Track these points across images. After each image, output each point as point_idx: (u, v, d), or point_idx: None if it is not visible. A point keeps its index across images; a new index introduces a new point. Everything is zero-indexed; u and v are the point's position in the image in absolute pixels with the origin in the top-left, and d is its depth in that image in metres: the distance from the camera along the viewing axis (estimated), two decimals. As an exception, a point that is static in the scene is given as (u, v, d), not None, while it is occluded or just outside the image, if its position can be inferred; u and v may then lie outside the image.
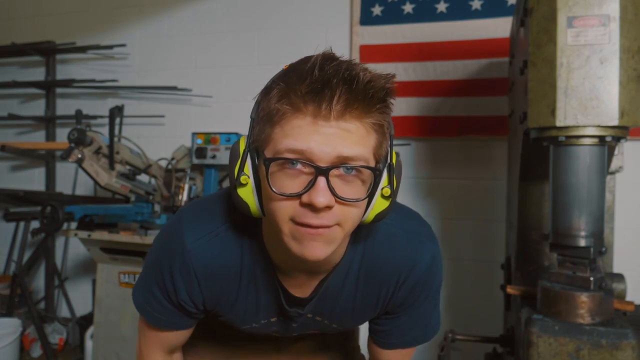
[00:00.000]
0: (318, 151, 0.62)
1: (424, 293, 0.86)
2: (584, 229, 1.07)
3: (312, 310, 0.86)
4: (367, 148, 0.65)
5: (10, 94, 3.39)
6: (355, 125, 0.63)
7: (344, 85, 0.60)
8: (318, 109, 0.61)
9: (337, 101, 0.60)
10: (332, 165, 0.62)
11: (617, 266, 1.58)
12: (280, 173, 0.65)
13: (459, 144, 2.52)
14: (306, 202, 0.63)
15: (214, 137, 2.48)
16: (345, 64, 0.63)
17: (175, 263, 0.79)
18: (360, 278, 0.82)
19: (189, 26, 3.02)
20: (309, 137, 0.62)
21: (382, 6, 2.59)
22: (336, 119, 0.61)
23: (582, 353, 1.00)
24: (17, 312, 2.84)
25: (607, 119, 1.02)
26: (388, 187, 0.70)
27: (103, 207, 2.35)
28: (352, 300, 0.84)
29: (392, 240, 0.81)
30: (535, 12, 1.07)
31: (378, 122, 0.65)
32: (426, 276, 0.83)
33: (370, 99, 0.62)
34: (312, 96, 0.61)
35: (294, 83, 0.62)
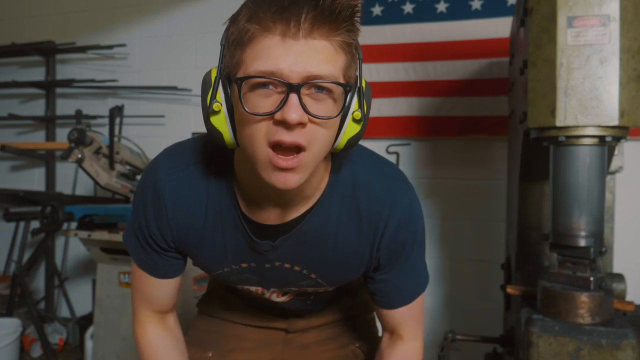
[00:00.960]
0: (288, 71, 0.62)
1: (410, 240, 0.86)
2: (584, 229, 1.07)
3: (289, 255, 0.85)
4: (336, 67, 0.65)
5: (10, 94, 3.39)
6: (323, 44, 0.63)
7: (311, 2, 0.61)
8: (287, 27, 0.62)
9: (304, 19, 0.61)
10: (302, 82, 0.63)
11: (617, 266, 1.58)
12: (252, 94, 0.65)
13: (459, 144, 2.52)
14: (279, 119, 0.64)
15: (214, 137, 2.48)
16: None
17: (148, 191, 0.83)
18: (342, 221, 0.82)
19: (189, 26, 3.02)
20: (279, 57, 0.62)
21: (382, 6, 2.59)
22: (305, 37, 0.62)
23: (582, 353, 1.00)
24: (17, 312, 2.84)
25: (607, 119, 1.02)
26: (359, 110, 0.70)
27: (103, 207, 2.36)
28: (332, 245, 0.83)
29: (371, 183, 0.82)
30: (535, 12, 1.07)
31: (346, 41, 0.66)
32: (408, 218, 0.84)
33: (337, 16, 0.63)
34: (280, 14, 0.61)
35: (262, 2, 0.63)
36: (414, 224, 0.85)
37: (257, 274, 0.90)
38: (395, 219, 0.82)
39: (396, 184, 0.84)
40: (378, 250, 0.85)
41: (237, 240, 0.84)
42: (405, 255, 0.87)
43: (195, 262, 0.93)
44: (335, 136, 0.71)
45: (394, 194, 0.82)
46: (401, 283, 0.90)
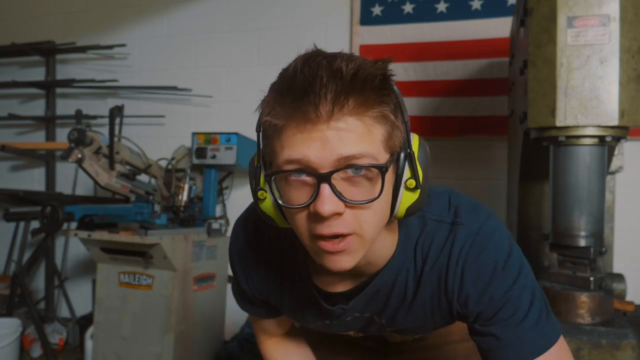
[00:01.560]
0: (315, 157, 0.59)
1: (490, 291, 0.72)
2: (584, 229, 1.07)
3: (362, 308, 0.82)
4: (373, 143, 0.60)
5: (10, 94, 3.40)
6: (352, 122, 0.58)
7: (328, 84, 0.57)
8: (305, 115, 0.58)
9: (324, 102, 0.57)
10: (332, 170, 0.59)
11: (617, 266, 1.58)
12: (287, 185, 0.63)
13: (459, 144, 2.52)
14: (313, 212, 0.60)
15: (214, 137, 2.48)
16: (326, 60, 0.59)
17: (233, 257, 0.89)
18: (410, 278, 0.77)
19: (189, 26, 3.02)
20: (303, 145, 0.59)
21: (382, 6, 2.59)
22: (327, 120, 0.57)
23: (582, 353, 1.00)
24: (17, 312, 2.84)
25: (607, 119, 1.02)
26: (412, 178, 0.65)
27: (103, 207, 2.35)
28: (402, 297, 0.79)
29: (435, 233, 0.76)
30: (535, 12, 1.07)
31: (380, 113, 0.60)
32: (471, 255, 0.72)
33: (362, 90, 0.58)
34: (297, 104, 0.58)
35: (279, 93, 0.61)
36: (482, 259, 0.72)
37: (344, 326, 0.90)
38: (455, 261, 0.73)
39: (458, 229, 0.74)
40: (453, 299, 0.75)
41: (312, 307, 0.84)
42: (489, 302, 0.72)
43: (292, 318, 0.96)
44: (392, 207, 0.66)
45: (453, 239, 0.74)
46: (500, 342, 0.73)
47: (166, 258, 2.15)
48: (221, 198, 2.81)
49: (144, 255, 2.17)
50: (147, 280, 2.25)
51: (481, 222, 0.75)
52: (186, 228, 2.38)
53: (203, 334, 2.43)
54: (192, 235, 2.31)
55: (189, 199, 2.55)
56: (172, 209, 2.51)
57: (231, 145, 2.45)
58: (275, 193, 0.65)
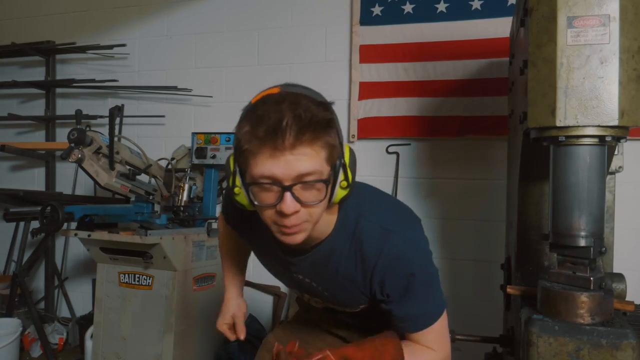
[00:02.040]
0: (281, 174, 0.84)
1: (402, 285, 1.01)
2: (584, 229, 1.07)
3: (307, 274, 1.11)
4: (319, 162, 0.85)
5: (10, 94, 3.40)
6: (306, 150, 0.83)
7: (292, 125, 0.81)
8: (274, 145, 0.82)
9: (289, 136, 0.81)
10: (292, 183, 0.84)
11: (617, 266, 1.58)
12: (259, 190, 0.88)
13: (459, 144, 2.52)
14: (279, 210, 0.86)
15: (214, 137, 2.49)
16: (290, 108, 0.81)
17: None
18: (342, 259, 1.05)
19: (189, 26, 3.02)
20: (273, 166, 0.83)
21: (382, 6, 2.59)
22: (290, 149, 0.82)
23: (582, 353, 1.00)
24: (17, 312, 2.84)
25: (607, 119, 1.02)
26: (344, 180, 0.92)
27: (103, 207, 2.36)
28: (334, 273, 1.06)
29: (367, 233, 1.02)
30: (535, 12, 1.07)
31: (325, 142, 0.85)
32: (395, 264, 1.00)
33: (314, 130, 0.82)
34: (269, 138, 0.81)
35: (255, 126, 0.83)
36: (403, 270, 1.00)
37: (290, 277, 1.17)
38: (383, 265, 1.00)
39: (387, 236, 1.00)
40: (371, 287, 1.04)
41: (273, 252, 1.12)
42: (398, 294, 1.02)
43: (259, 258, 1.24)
44: (329, 198, 0.92)
45: (383, 245, 1.00)
46: (404, 316, 1.05)
47: (166, 258, 2.16)
48: (221, 198, 2.81)
49: (144, 255, 2.17)
50: (147, 280, 2.25)
51: (407, 231, 1.04)
52: (186, 228, 2.38)
53: (203, 334, 2.43)
54: (192, 235, 2.31)
55: (189, 199, 2.55)
56: (172, 209, 2.51)
57: (231, 145, 2.45)
58: (250, 196, 0.90)
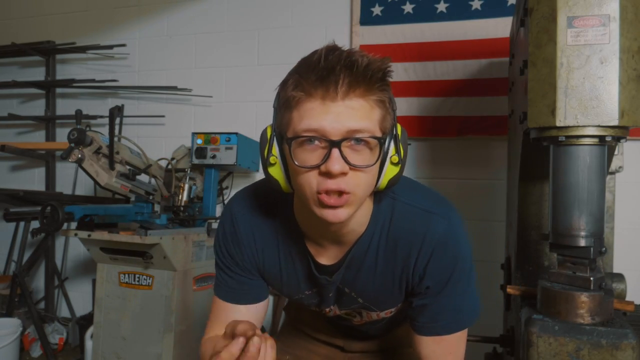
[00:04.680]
0: (330, 128, 0.73)
1: (445, 273, 0.90)
2: (584, 229, 1.07)
3: (341, 280, 0.96)
4: (372, 121, 0.75)
5: (10, 94, 3.40)
6: (360, 103, 0.74)
7: (346, 70, 0.71)
8: (326, 92, 0.72)
9: (341, 84, 0.71)
10: (342, 138, 0.73)
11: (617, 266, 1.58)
12: (301, 149, 0.76)
13: (459, 144, 2.52)
14: (324, 171, 0.74)
15: (214, 137, 2.48)
16: (346, 53, 0.74)
17: (226, 224, 0.98)
18: (380, 250, 0.92)
19: (189, 26, 3.02)
20: (320, 117, 0.73)
21: (382, 6, 2.59)
22: (342, 99, 0.72)
23: (582, 353, 1.00)
24: (17, 312, 2.84)
25: (607, 119, 1.02)
26: (396, 155, 0.81)
27: (103, 207, 2.35)
28: (372, 270, 0.93)
29: (406, 216, 0.90)
30: (535, 12, 1.07)
31: (379, 99, 0.76)
32: (442, 248, 0.89)
33: (370, 79, 0.73)
34: (320, 82, 0.72)
35: (304, 73, 0.73)
36: (449, 254, 0.90)
37: (322, 298, 1.02)
38: (427, 251, 0.89)
39: (430, 218, 0.89)
40: (412, 277, 0.92)
41: (303, 269, 0.97)
42: (440, 283, 0.91)
43: (275, 288, 1.05)
44: (377, 178, 0.82)
45: (427, 227, 0.89)
46: (437, 312, 0.93)
47: (166, 258, 2.16)
48: (221, 198, 2.81)
49: (144, 255, 2.17)
50: (147, 280, 2.25)
51: (450, 214, 0.92)
52: (186, 228, 2.38)
53: (203, 334, 2.42)
54: (192, 235, 2.31)
55: (189, 199, 2.55)
56: (172, 209, 2.51)
57: (231, 145, 2.45)
58: (290, 155, 0.77)
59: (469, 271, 0.94)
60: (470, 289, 0.95)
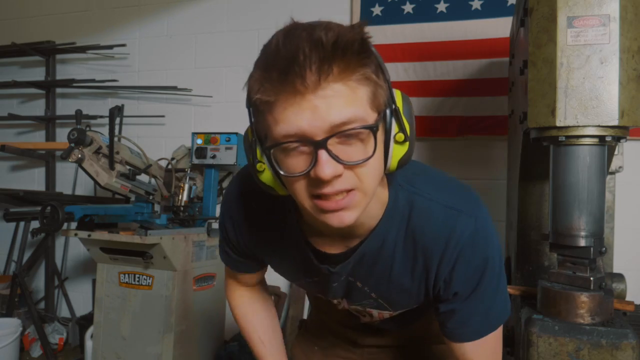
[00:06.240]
0: (308, 127, 0.60)
1: (472, 274, 0.80)
2: (584, 229, 1.07)
3: (350, 272, 0.87)
4: (359, 105, 0.62)
5: (10, 94, 3.40)
6: (338, 88, 0.60)
7: (311, 55, 0.58)
8: (294, 87, 0.59)
9: (308, 74, 0.58)
10: (328, 136, 0.61)
11: (617, 266, 1.58)
12: (284, 156, 0.65)
13: (459, 144, 2.52)
14: (314, 178, 0.63)
15: (214, 137, 2.48)
16: (306, 32, 0.60)
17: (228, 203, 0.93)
18: (398, 248, 0.82)
19: (189, 26, 3.02)
20: (296, 117, 0.60)
21: (382, 6, 2.59)
22: (314, 90, 0.59)
23: (582, 353, 1.00)
24: (17, 312, 2.84)
25: (607, 119, 1.02)
26: (400, 132, 0.68)
27: (103, 207, 2.35)
28: (388, 268, 0.84)
29: (428, 215, 0.79)
30: (535, 12, 1.07)
31: (363, 76, 0.62)
32: (470, 251, 0.79)
33: (343, 56, 0.59)
34: (284, 78, 0.59)
35: (265, 69, 0.62)
36: (477, 257, 0.80)
37: (325, 286, 0.93)
38: (453, 255, 0.79)
39: (456, 217, 0.78)
40: (436, 281, 0.82)
41: (303, 258, 0.88)
42: (468, 288, 0.82)
43: (277, 271, 1.01)
44: (384, 161, 0.70)
45: (452, 228, 0.78)
46: (467, 317, 0.84)
47: (166, 258, 2.16)
48: (221, 198, 2.81)
49: (144, 255, 2.17)
50: (147, 280, 2.25)
51: (477, 211, 0.80)
52: (186, 228, 2.38)
53: (203, 334, 2.43)
54: (192, 235, 2.31)
55: (189, 199, 2.55)
56: (172, 209, 2.51)
57: (231, 145, 2.45)
58: (274, 165, 0.67)
59: (499, 271, 0.84)
60: (500, 288, 0.85)
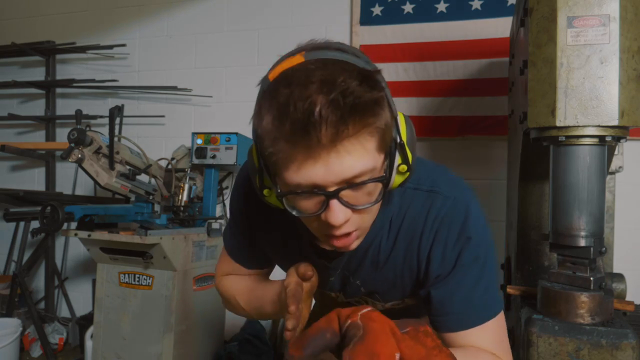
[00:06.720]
0: (322, 181, 0.63)
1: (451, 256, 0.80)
2: (584, 229, 1.07)
3: (345, 266, 0.91)
4: (370, 157, 0.64)
5: (10, 94, 3.40)
6: (351, 144, 0.61)
7: (328, 117, 0.58)
8: (308, 146, 0.60)
9: (324, 133, 0.59)
10: (338, 188, 0.64)
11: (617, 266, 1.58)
12: (296, 199, 0.68)
13: (459, 144, 2.52)
14: (324, 220, 0.67)
15: (214, 137, 2.48)
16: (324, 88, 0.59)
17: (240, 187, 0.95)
18: (383, 240, 0.85)
19: (189, 26, 3.02)
20: (308, 171, 0.62)
21: (382, 6, 2.59)
22: (329, 147, 0.60)
23: (582, 353, 1.00)
24: (17, 312, 2.84)
25: (607, 119, 1.02)
26: (403, 164, 0.71)
27: (103, 207, 2.35)
28: (376, 260, 0.87)
29: (412, 201, 0.82)
30: (535, 12, 1.07)
31: (375, 126, 0.63)
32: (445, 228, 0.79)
33: (359, 119, 0.60)
34: (299, 136, 0.59)
35: (277, 121, 0.61)
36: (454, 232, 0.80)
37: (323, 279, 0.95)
38: (429, 233, 0.80)
39: (434, 198, 0.81)
40: (418, 266, 0.84)
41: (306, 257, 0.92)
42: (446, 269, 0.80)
43: (280, 264, 1.02)
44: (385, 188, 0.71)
45: (429, 208, 0.80)
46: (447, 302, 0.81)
47: (166, 258, 2.16)
48: (221, 198, 2.81)
49: (144, 255, 2.17)
50: (147, 280, 2.25)
51: (457, 193, 0.82)
52: (186, 228, 2.38)
53: (203, 334, 2.43)
54: (192, 235, 2.31)
55: (189, 199, 2.55)
56: (172, 209, 2.51)
57: (231, 145, 2.45)
58: (285, 205, 0.70)
59: (485, 261, 0.81)
60: (485, 278, 0.81)
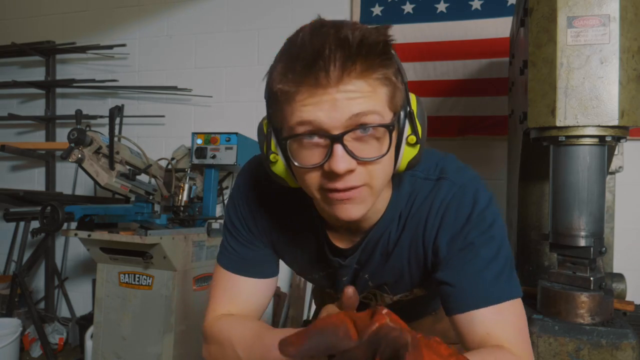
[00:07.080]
0: (327, 118, 0.63)
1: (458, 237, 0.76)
2: (584, 229, 1.07)
3: (357, 262, 0.89)
4: (378, 102, 0.65)
5: (10, 94, 3.40)
6: (359, 85, 0.63)
7: (336, 52, 0.60)
8: (317, 80, 0.61)
9: (333, 68, 0.61)
10: (345, 131, 0.63)
11: (617, 266, 1.58)
12: (299, 147, 0.67)
13: (459, 144, 2.52)
14: (328, 171, 0.65)
15: (214, 137, 2.48)
16: (334, 29, 0.63)
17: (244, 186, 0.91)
18: (392, 231, 0.83)
19: (189, 26, 3.02)
20: (315, 108, 0.63)
21: (382, 6, 2.59)
22: (336, 84, 0.62)
23: (582, 353, 1.00)
24: (17, 312, 2.84)
25: (607, 119, 1.02)
26: (413, 134, 0.70)
27: (103, 207, 2.35)
28: (385, 252, 0.85)
29: (421, 191, 0.81)
30: (535, 12, 1.07)
31: (384, 76, 0.64)
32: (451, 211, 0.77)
33: (366, 56, 0.62)
34: (308, 70, 0.61)
35: (289, 61, 0.64)
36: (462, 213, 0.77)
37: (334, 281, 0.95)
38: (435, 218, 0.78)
39: (441, 184, 0.80)
40: (425, 251, 0.81)
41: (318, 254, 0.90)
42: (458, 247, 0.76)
43: (287, 264, 0.98)
44: (395, 161, 0.71)
45: (435, 194, 0.79)
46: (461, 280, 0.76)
47: (166, 258, 2.15)
48: (221, 198, 2.81)
49: (144, 255, 2.17)
50: (147, 280, 2.25)
51: (465, 180, 0.81)
52: (186, 228, 2.38)
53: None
54: (192, 235, 2.31)
55: (189, 199, 2.55)
56: (172, 209, 2.51)
57: (231, 145, 2.45)
58: (289, 155, 0.69)
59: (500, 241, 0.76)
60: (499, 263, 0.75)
